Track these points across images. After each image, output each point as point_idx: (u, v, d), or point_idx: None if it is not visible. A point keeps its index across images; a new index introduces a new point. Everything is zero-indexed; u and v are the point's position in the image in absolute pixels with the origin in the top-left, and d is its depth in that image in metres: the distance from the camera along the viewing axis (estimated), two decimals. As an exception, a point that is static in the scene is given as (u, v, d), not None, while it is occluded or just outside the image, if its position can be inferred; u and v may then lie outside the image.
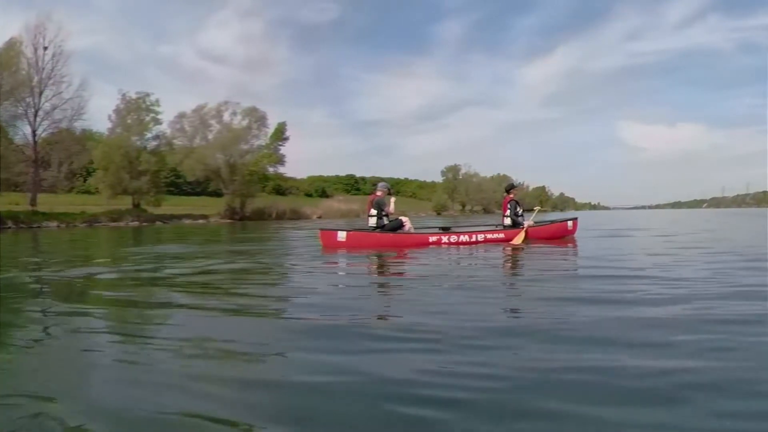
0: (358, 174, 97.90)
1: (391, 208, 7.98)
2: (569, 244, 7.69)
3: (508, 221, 8.54)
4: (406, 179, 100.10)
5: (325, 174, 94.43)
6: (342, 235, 7.73)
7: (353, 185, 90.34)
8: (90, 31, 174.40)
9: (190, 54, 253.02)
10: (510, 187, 9.00)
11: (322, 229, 8.14)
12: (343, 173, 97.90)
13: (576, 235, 9.03)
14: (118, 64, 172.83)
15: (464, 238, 7.99)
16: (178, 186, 48.45)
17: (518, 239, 7.96)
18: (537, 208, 9.11)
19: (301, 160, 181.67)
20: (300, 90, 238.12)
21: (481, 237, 8.06)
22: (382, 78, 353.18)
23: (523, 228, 8.27)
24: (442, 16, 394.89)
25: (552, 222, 9.27)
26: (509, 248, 7.09)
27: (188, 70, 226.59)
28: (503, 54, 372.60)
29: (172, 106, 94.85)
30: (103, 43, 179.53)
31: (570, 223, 9.03)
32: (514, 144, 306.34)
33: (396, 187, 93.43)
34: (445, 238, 7.91)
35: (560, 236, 8.70)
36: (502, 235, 8.17)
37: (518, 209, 8.56)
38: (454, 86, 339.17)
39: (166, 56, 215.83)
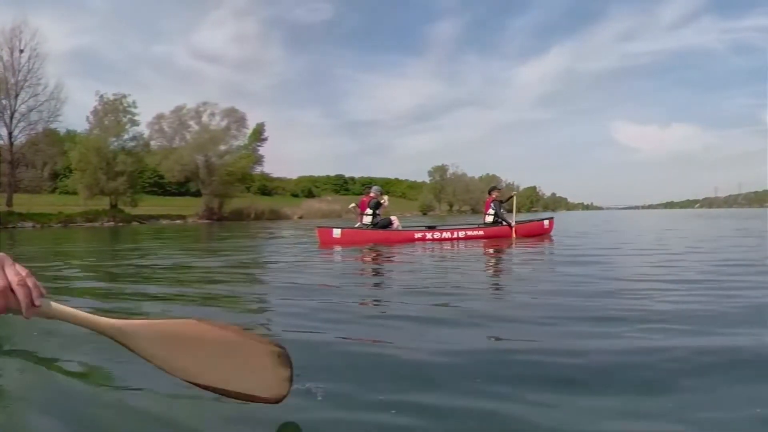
0: (349, 174, 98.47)
1: (386, 203, 8.91)
2: (546, 241, 8.32)
3: (489, 219, 9.28)
4: (396, 179, 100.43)
5: (315, 174, 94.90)
6: (337, 232, 8.55)
7: (342, 185, 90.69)
8: (83, 30, 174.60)
9: (183, 54, 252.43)
10: (493, 189, 9.77)
11: (319, 227, 8.98)
12: (335, 173, 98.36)
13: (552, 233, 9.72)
14: (111, 63, 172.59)
15: (446, 234, 8.80)
16: (162, 186, 48.67)
17: (513, 237, 8.84)
18: (514, 194, 9.67)
19: (293, 161, 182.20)
20: (294, 90, 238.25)
21: (462, 234, 8.89)
22: (375, 78, 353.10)
23: (512, 227, 9.08)
24: (435, 17, 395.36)
25: (529, 221, 10.05)
26: (491, 245, 7.64)
27: (182, 70, 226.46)
28: (497, 54, 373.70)
29: (166, 106, 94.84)
30: (96, 43, 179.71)
31: (546, 222, 9.79)
32: (507, 144, 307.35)
33: (386, 187, 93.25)
34: (429, 235, 8.72)
35: (537, 234, 9.38)
36: (481, 233, 8.94)
37: (501, 209, 9.31)
38: (448, 87, 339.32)
39: (159, 56, 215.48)
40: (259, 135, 37.38)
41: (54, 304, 0.84)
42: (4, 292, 0.74)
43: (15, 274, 0.75)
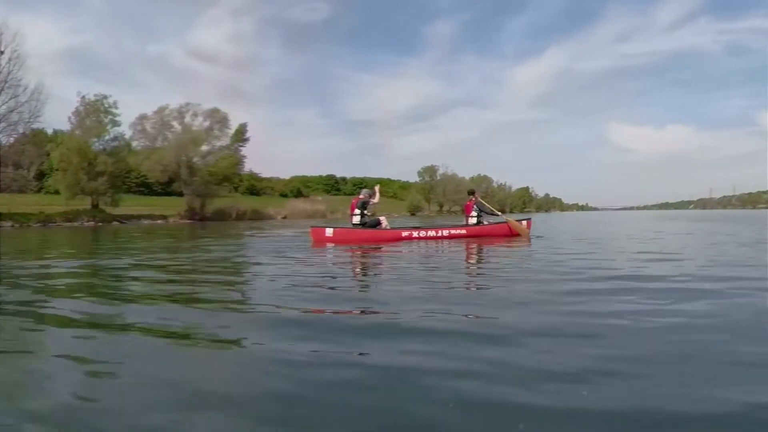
0: (343, 174, 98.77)
1: (377, 198, 9.53)
2: (523, 240, 8.98)
3: (472, 220, 9.89)
4: (389, 179, 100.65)
5: (309, 174, 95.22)
6: (329, 231, 9.21)
7: (333, 185, 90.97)
8: (78, 29, 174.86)
9: (179, 53, 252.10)
10: (472, 192, 10.46)
11: (312, 226, 9.70)
12: (330, 173, 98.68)
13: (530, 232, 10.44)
14: (106, 62, 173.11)
15: (432, 233, 9.47)
16: (148, 186, 48.93)
17: (523, 232, 9.51)
18: (499, 214, 10.52)
19: (289, 160, 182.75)
20: (291, 90, 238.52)
21: (446, 233, 9.54)
22: (372, 78, 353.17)
23: (508, 222, 9.77)
24: (433, 17, 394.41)
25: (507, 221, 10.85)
26: (473, 243, 8.32)
27: (178, 69, 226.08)
28: (494, 54, 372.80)
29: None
30: (91, 42, 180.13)
31: (524, 222, 10.38)
32: (504, 144, 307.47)
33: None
34: (415, 234, 9.37)
35: (516, 234, 9.93)
36: (464, 232, 9.57)
37: (483, 210, 9.97)
38: (445, 87, 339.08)
39: (155, 55, 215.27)
40: (241, 135, 37.65)
41: None
42: None
43: None
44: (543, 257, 5.78)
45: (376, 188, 9.71)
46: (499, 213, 10.13)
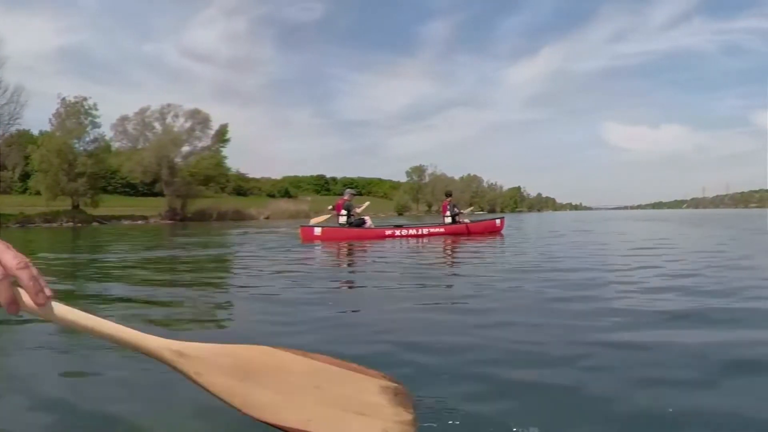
0: (338, 174, 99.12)
1: (359, 210, 10.25)
2: (497, 237, 9.86)
3: (448, 220, 10.69)
4: (379, 180, 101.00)
5: (302, 174, 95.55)
6: (318, 231, 9.87)
7: (323, 186, 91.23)
8: (74, 29, 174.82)
9: (174, 52, 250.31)
10: (449, 194, 11.39)
11: (302, 225, 10.37)
12: (324, 173, 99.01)
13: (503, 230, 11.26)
14: (101, 62, 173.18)
15: (412, 231, 10.32)
16: (134, 187, 49.15)
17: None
18: (471, 208, 11.31)
19: (283, 160, 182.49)
20: (286, 89, 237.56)
21: (425, 231, 10.42)
22: (368, 78, 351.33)
23: (464, 224, 10.56)
24: (428, 17, 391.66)
25: (483, 220, 11.75)
26: (449, 240, 9.15)
27: (173, 68, 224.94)
28: (489, 54, 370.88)
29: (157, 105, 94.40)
30: (87, 42, 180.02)
31: (498, 221, 11.39)
32: (499, 144, 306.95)
33: (368, 187, 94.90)
34: (398, 232, 10.18)
35: (489, 231, 10.90)
36: (442, 230, 10.45)
37: (456, 210, 10.80)
38: (440, 86, 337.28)
39: (150, 55, 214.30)
40: (222, 136, 37.99)
41: (77, 310, 0.61)
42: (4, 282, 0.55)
43: (14, 257, 0.56)
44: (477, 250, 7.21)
45: (364, 205, 10.50)
46: (460, 220, 10.78)
